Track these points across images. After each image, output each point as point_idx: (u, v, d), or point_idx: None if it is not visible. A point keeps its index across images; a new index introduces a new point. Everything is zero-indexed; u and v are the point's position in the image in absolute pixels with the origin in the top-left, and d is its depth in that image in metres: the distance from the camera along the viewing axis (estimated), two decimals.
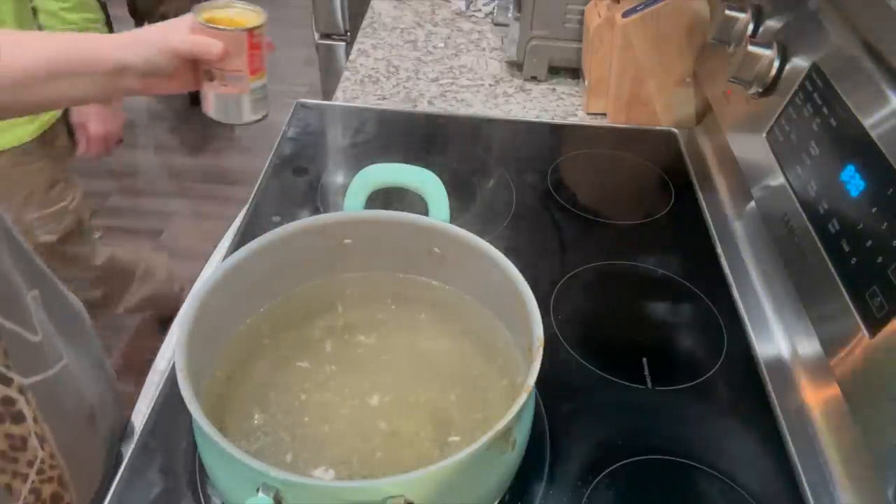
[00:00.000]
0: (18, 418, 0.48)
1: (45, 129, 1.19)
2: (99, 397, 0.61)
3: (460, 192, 0.87)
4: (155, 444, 0.59)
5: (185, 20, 0.62)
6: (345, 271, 0.64)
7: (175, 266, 1.78)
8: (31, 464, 0.49)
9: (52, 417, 0.51)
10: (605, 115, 1.05)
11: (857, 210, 0.55)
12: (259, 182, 0.88)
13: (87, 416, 0.58)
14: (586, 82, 1.07)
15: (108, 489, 0.56)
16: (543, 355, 0.48)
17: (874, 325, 0.50)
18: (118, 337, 1.81)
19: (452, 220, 0.60)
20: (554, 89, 1.13)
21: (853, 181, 0.56)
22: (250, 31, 0.63)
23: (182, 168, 2.58)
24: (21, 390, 0.49)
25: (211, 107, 0.66)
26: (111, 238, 1.93)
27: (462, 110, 1.06)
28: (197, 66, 0.63)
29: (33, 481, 0.49)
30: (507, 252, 0.56)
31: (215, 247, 0.83)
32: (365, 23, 1.30)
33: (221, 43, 0.61)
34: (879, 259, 0.51)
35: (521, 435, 0.50)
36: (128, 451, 0.58)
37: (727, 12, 0.81)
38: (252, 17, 0.65)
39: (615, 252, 0.79)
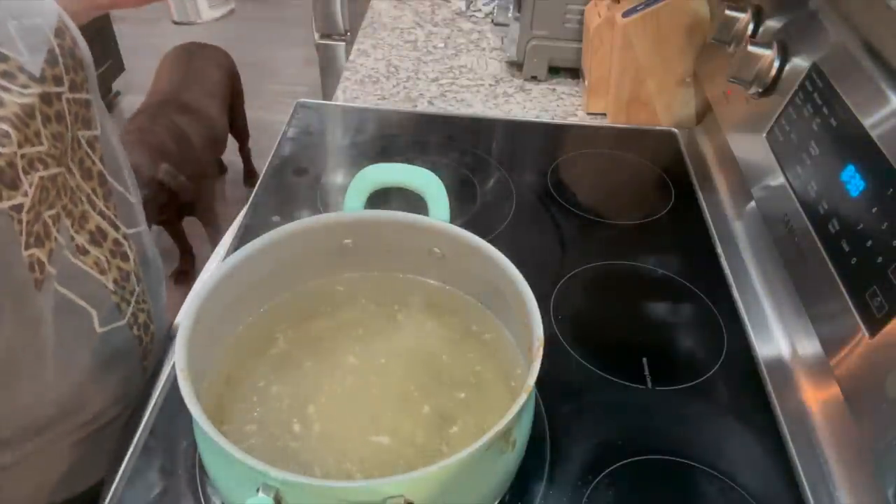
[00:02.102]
0: (125, 257, 0.61)
1: None
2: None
3: (460, 192, 0.87)
4: (155, 444, 0.59)
5: None
6: (345, 271, 0.64)
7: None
8: (132, 293, 0.62)
9: (142, 264, 0.64)
10: (605, 115, 1.05)
11: (857, 210, 0.55)
12: (259, 182, 0.88)
13: (162, 274, 0.71)
14: (586, 82, 1.07)
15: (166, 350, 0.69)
16: (543, 355, 0.48)
17: (874, 325, 0.50)
18: None
19: (452, 220, 0.60)
20: (554, 89, 1.13)
21: (853, 181, 0.56)
22: None
23: None
24: (125, 237, 0.62)
25: (173, 11, 0.71)
26: None
27: (462, 110, 1.06)
28: None
29: (133, 308, 0.62)
30: (507, 252, 0.56)
31: (215, 247, 0.83)
32: (365, 23, 1.30)
33: None
34: (879, 259, 0.51)
35: (521, 435, 0.50)
36: (128, 452, 0.58)
37: (727, 12, 0.81)
38: None
39: (615, 252, 0.79)
